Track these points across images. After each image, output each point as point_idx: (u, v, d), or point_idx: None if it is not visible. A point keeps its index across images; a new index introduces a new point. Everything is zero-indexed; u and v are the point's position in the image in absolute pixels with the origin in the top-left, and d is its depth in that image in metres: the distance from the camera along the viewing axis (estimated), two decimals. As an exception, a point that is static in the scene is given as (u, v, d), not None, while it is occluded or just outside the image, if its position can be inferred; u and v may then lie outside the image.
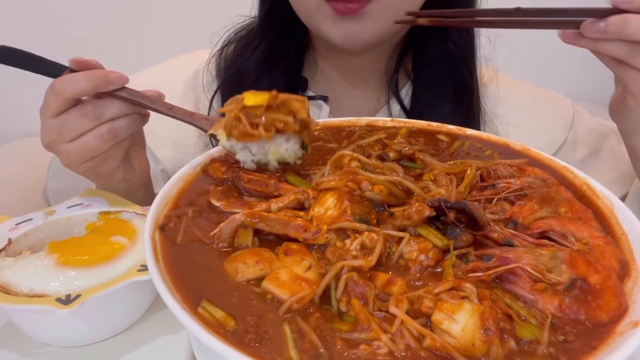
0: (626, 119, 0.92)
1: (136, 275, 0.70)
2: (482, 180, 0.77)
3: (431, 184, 0.73)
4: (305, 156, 0.81)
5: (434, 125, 0.97)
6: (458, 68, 1.18)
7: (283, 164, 0.79)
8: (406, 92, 1.25)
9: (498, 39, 1.18)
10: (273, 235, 0.65)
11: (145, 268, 0.70)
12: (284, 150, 0.77)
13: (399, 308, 0.52)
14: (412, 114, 1.19)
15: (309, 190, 0.70)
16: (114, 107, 0.86)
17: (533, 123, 1.23)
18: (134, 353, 0.73)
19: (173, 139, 1.22)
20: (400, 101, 1.23)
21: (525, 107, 1.25)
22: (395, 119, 0.99)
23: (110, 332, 0.75)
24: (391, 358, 0.49)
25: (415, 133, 0.94)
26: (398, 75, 1.23)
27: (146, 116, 0.93)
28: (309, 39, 1.25)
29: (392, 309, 0.52)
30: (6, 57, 0.85)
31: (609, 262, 0.61)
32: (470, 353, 0.49)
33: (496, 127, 1.21)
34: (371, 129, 0.96)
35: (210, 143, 1.22)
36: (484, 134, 0.94)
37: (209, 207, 0.71)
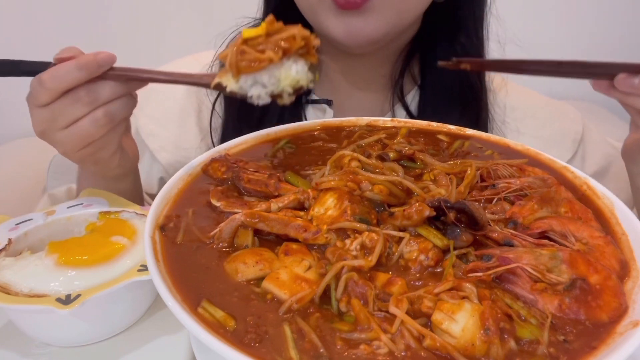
0: (637, 163, 0.97)
1: (136, 275, 0.70)
2: (482, 180, 0.77)
3: (431, 184, 0.73)
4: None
5: (434, 125, 0.97)
6: (467, 73, 1.16)
7: (297, 90, 0.77)
8: (412, 98, 1.23)
9: (508, 45, 1.17)
10: (273, 235, 0.65)
11: (145, 268, 0.70)
12: (295, 72, 0.76)
13: (399, 308, 0.52)
14: None
15: (309, 190, 0.70)
16: (108, 90, 0.82)
17: (542, 133, 1.22)
18: (134, 353, 0.73)
19: (173, 142, 1.21)
20: (406, 107, 1.21)
21: (534, 117, 1.24)
22: (395, 119, 0.99)
23: (110, 332, 0.75)
24: (391, 358, 0.49)
25: (415, 133, 0.94)
26: (403, 80, 1.21)
27: (135, 98, 0.89)
28: None
29: (392, 309, 0.53)
30: None
31: (609, 262, 0.61)
32: (470, 353, 0.49)
33: (504, 135, 1.19)
34: (371, 129, 0.96)
35: (212, 145, 1.21)
36: (484, 134, 0.94)
37: (209, 207, 0.71)
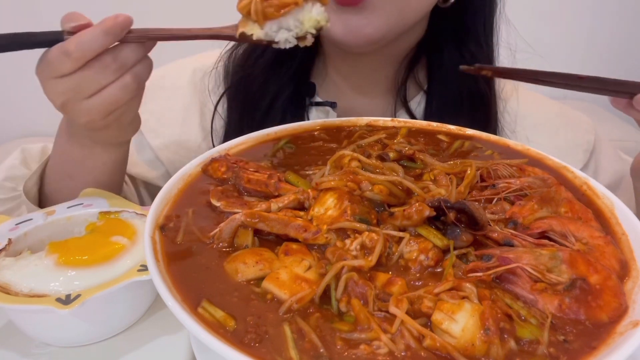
0: None
1: (136, 275, 0.70)
2: (482, 180, 0.77)
3: (431, 184, 0.73)
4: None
5: (434, 125, 0.97)
6: (475, 79, 1.14)
7: (318, 30, 0.81)
8: (417, 104, 1.21)
9: (518, 52, 1.15)
10: (273, 235, 0.65)
11: (145, 268, 0.70)
12: (316, 14, 0.80)
13: (399, 308, 0.52)
14: None
15: (309, 190, 0.70)
16: (133, 53, 0.81)
17: (554, 142, 1.20)
18: (134, 353, 0.73)
19: (176, 141, 1.21)
20: (410, 112, 1.19)
21: (546, 125, 1.22)
22: (395, 119, 0.99)
23: (110, 332, 0.75)
24: (391, 358, 0.49)
25: (415, 133, 0.94)
26: (407, 85, 1.19)
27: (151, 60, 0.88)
28: (320, 43, 1.21)
29: (392, 309, 0.53)
30: None
31: (609, 262, 0.61)
32: (470, 353, 0.49)
33: None
34: (371, 129, 0.96)
35: (212, 147, 1.20)
36: (484, 134, 0.94)
37: (209, 207, 0.71)
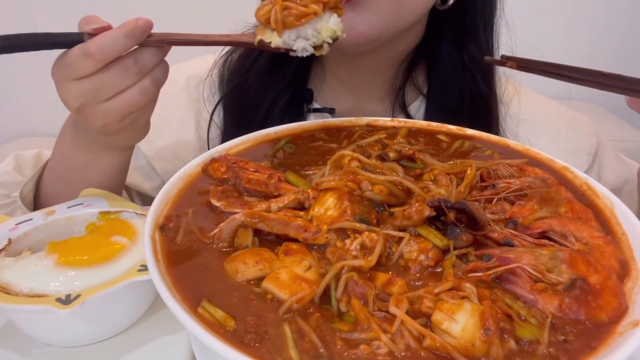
0: None
1: (136, 275, 0.70)
2: (482, 180, 0.77)
3: (431, 184, 0.73)
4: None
5: (434, 125, 0.97)
6: (476, 83, 1.13)
7: (334, 40, 0.84)
8: (417, 108, 1.19)
9: (519, 54, 1.15)
10: (273, 235, 0.65)
11: (145, 268, 0.70)
12: (333, 24, 0.82)
13: (399, 308, 0.52)
14: None
15: (309, 190, 0.70)
16: (153, 57, 0.81)
17: (556, 145, 1.19)
18: (134, 353, 0.73)
19: (172, 151, 1.19)
20: (409, 117, 1.17)
21: (548, 128, 1.21)
22: (395, 119, 0.99)
23: (110, 332, 0.75)
24: (391, 358, 0.49)
25: (415, 133, 0.94)
26: (406, 89, 1.17)
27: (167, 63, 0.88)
28: None
29: (392, 309, 0.53)
30: (7, 45, 0.77)
31: (609, 262, 0.61)
32: (470, 353, 0.49)
33: None
34: (371, 129, 0.96)
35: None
36: (484, 134, 0.94)
37: (209, 207, 0.71)
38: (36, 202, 1.06)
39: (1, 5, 2.35)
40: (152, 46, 0.81)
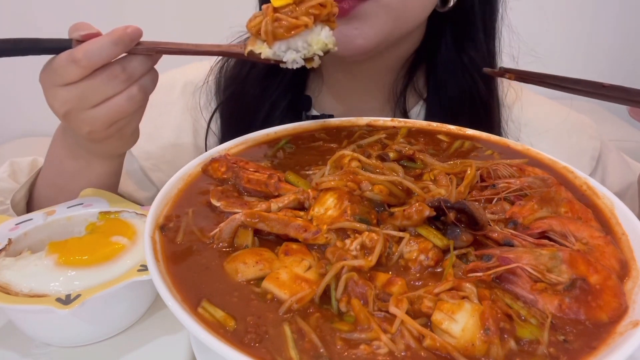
0: None
1: (136, 275, 0.70)
2: (482, 180, 0.77)
3: (431, 184, 0.73)
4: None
5: (434, 125, 0.97)
6: (476, 86, 1.11)
7: (326, 53, 0.83)
8: (418, 113, 1.18)
9: (521, 57, 1.12)
10: (273, 235, 0.65)
11: (145, 268, 0.70)
12: (324, 37, 0.81)
13: (399, 308, 0.52)
14: None
15: (309, 190, 0.70)
16: (141, 65, 0.80)
17: (559, 148, 1.17)
18: (134, 353, 0.73)
19: (169, 161, 1.18)
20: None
21: (551, 131, 1.19)
22: (395, 119, 0.99)
23: (110, 332, 0.75)
24: (391, 358, 0.49)
25: (415, 133, 0.94)
26: (406, 94, 1.15)
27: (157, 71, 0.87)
28: None
29: (392, 309, 0.53)
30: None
31: (609, 262, 0.61)
32: (470, 353, 0.49)
33: None
34: (371, 129, 0.96)
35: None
36: (484, 134, 0.94)
37: (209, 207, 0.71)
38: (29, 209, 1.06)
39: (1, 5, 2.35)
40: (141, 54, 0.81)
